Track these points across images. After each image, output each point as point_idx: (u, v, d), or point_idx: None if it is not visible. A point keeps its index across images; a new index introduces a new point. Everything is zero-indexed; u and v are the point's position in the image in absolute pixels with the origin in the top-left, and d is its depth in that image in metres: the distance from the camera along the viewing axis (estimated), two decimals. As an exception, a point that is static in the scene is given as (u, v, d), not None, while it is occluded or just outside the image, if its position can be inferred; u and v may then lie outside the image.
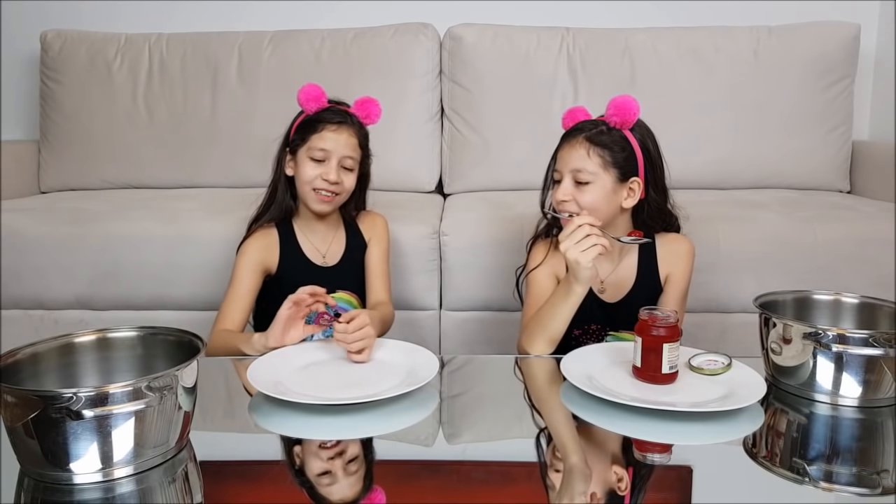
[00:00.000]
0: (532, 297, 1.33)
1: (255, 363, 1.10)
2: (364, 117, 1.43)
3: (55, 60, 2.28)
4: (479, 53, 2.19)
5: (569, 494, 0.80)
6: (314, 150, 1.37)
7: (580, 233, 1.14)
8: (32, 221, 1.79)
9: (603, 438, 0.94)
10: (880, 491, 0.83)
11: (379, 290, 1.47)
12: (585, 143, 1.25)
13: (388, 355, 1.16)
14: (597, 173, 1.25)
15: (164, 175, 2.24)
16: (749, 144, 2.18)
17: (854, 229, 1.75)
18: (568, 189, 1.25)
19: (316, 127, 1.37)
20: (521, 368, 1.21)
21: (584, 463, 0.89)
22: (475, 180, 2.21)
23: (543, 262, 1.34)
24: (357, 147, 1.41)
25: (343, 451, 0.90)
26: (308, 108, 1.39)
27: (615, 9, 2.40)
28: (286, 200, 1.42)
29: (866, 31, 2.27)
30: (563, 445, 0.94)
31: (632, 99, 1.26)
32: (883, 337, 0.98)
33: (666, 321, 1.02)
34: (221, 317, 1.35)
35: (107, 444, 0.78)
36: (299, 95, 1.39)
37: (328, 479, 0.84)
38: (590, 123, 1.28)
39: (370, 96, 1.44)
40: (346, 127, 1.38)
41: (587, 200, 1.25)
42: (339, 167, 1.37)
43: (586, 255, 1.13)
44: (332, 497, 0.81)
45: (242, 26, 2.32)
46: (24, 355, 0.88)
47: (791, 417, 1.01)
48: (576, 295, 1.18)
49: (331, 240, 1.46)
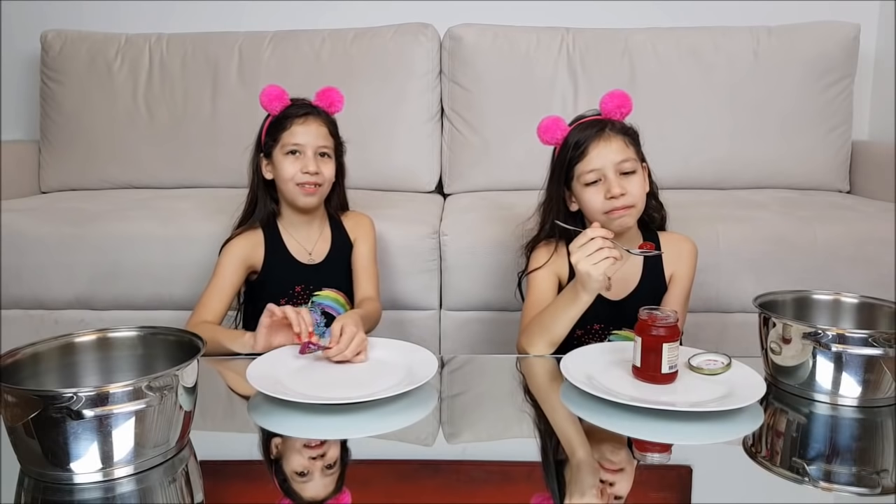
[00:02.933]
0: (532, 298, 1.33)
1: (255, 363, 1.10)
2: (328, 106, 1.44)
3: (55, 60, 2.28)
4: (478, 53, 2.19)
5: (579, 489, 0.80)
6: (288, 146, 1.38)
7: (592, 245, 1.12)
8: (32, 221, 1.79)
9: (602, 438, 0.94)
10: (880, 491, 0.83)
11: (366, 286, 1.47)
12: (619, 135, 1.26)
13: (388, 355, 1.15)
14: (636, 161, 1.26)
15: (164, 175, 2.24)
16: (749, 144, 2.18)
17: (854, 229, 1.75)
18: (618, 182, 1.23)
19: (284, 125, 1.39)
20: (521, 368, 1.21)
21: (590, 456, 0.89)
22: (475, 180, 2.21)
23: (546, 264, 1.34)
24: (328, 135, 1.42)
25: (324, 454, 0.90)
26: (272, 109, 1.40)
27: (615, 9, 2.40)
28: (268, 205, 1.44)
29: (866, 31, 2.26)
30: (568, 441, 0.94)
31: (624, 91, 1.28)
32: (882, 337, 0.98)
33: (666, 321, 1.02)
34: (201, 308, 1.35)
35: (107, 444, 0.78)
36: (262, 98, 1.41)
37: (304, 477, 0.84)
38: (600, 121, 1.27)
39: (331, 86, 1.46)
40: (312, 118, 1.40)
41: (637, 189, 1.25)
42: (315, 157, 1.39)
43: (598, 267, 1.12)
44: (303, 495, 0.81)
45: (242, 26, 2.32)
46: (24, 355, 0.89)
47: (791, 417, 1.01)
48: (582, 303, 1.18)
49: (316, 238, 1.47)
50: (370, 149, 2.14)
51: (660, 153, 2.15)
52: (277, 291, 1.41)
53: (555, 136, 1.30)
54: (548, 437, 0.98)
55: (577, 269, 1.13)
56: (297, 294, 1.41)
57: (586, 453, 0.90)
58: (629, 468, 0.87)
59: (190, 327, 1.30)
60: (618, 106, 1.28)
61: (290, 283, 1.41)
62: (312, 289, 1.43)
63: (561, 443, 0.95)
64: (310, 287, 1.42)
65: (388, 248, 1.72)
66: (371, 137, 2.15)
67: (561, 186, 1.31)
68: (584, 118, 1.31)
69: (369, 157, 2.13)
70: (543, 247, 1.37)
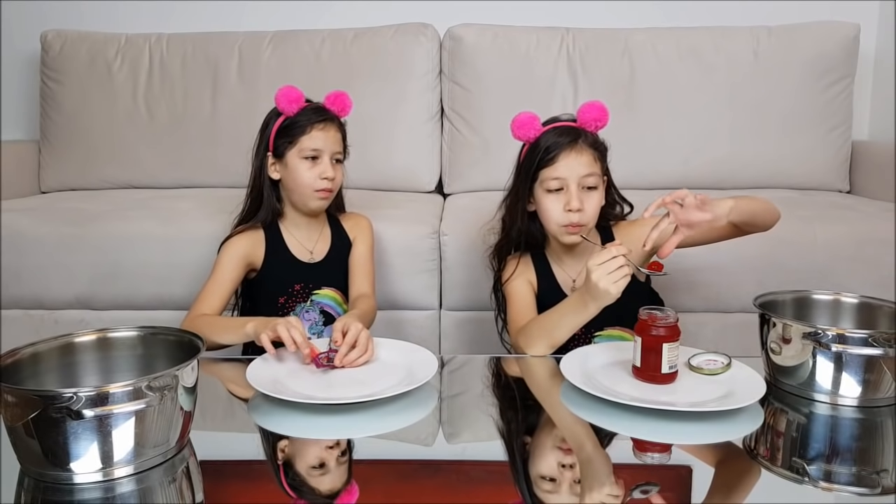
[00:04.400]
0: (516, 304, 1.34)
1: (254, 363, 1.10)
2: (339, 111, 1.44)
3: (55, 60, 2.28)
4: (478, 53, 2.19)
5: (598, 483, 0.81)
6: (306, 151, 1.38)
7: (614, 263, 1.10)
8: (32, 221, 1.79)
9: (601, 438, 0.94)
10: (880, 491, 0.83)
11: (361, 283, 1.47)
12: (590, 149, 1.26)
13: (388, 355, 1.16)
14: (600, 177, 1.27)
15: (163, 175, 2.24)
16: (749, 144, 2.18)
17: (854, 229, 1.75)
18: (578, 196, 1.24)
19: (304, 128, 1.38)
20: (520, 368, 1.21)
21: (599, 448, 0.90)
22: (475, 180, 2.20)
23: (515, 273, 1.35)
24: (341, 141, 1.43)
25: (334, 445, 0.91)
26: (289, 111, 1.40)
27: (615, 9, 2.40)
28: (273, 204, 1.43)
29: (866, 31, 2.26)
30: (574, 436, 0.95)
31: (603, 104, 1.29)
32: (882, 337, 0.98)
33: (666, 321, 1.02)
34: (199, 304, 1.35)
35: (107, 444, 0.78)
36: (279, 99, 1.40)
37: (319, 471, 0.85)
38: (575, 129, 1.28)
39: (339, 90, 1.45)
40: (330, 124, 1.41)
41: (594, 206, 1.26)
42: (332, 163, 1.40)
43: (617, 286, 1.10)
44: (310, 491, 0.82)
45: (242, 26, 2.32)
46: (24, 355, 0.89)
47: (790, 417, 1.01)
48: (588, 313, 1.16)
49: (317, 237, 1.47)
50: (370, 149, 2.14)
51: (659, 153, 2.19)
52: (277, 290, 1.41)
53: (528, 133, 1.30)
54: (515, 438, 0.97)
55: (597, 286, 1.10)
56: (296, 292, 1.42)
57: (594, 447, 0.91)
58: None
59: (188, 321, 1.31)
60: (595, 118, 1.28)
61: (290, 281, 1.42)
62: (312, 287, 1.43)
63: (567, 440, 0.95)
64: (309, 286, 1.43)
65: (388, 247, 1.72)
66: (371, 137, 2.15)
67: (527, 185, 1.31)
68: (558, 121, 1.31)
69: (369, 157, 2.13)
70: (511, 258, 1.38)
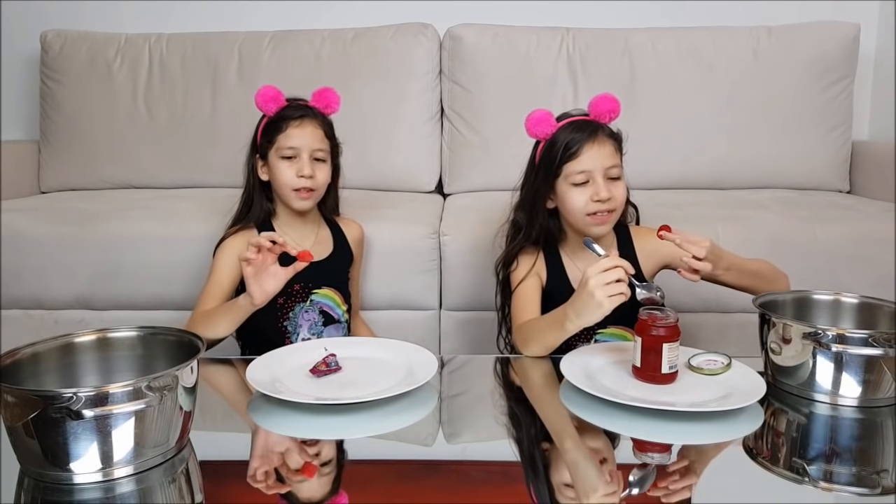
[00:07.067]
0: (520, 302, 1.33)
1: (254, 363, 1.10)
2: (324, 107, 1.43)
3: (55, 60, 2.28)
4: (478, 53, 2.19)
5: (591, 485, 0.81)
6: (283, 150, 1.38)
7: (613, 275, 1.05)
8: (32, 221, 1.79)
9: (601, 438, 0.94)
10: (880, 491, 0.83)
11: (355, 302, 1.53)
12: (610, 140, 1.27)
13: (388, 355, 1.15)
14: (621, 168, 1.28)
15: (163, 175, 2.24)
16: (748, 144, 2.18)
17: (854, 229, 1.75)
18: (606, 186, 1.25)
19: (280, 126, 1.38)
20: (520, 368, 1.21)
21: (586, 451, 0.90)
22: (475, 180, 2.20)
23: (531, 271, 1.34)
24: (324, 138, 1.42)
25: (318, 453, 0.90)
26: (268, 110, 1.40)
27: (615, 9, 2.40)
28: (264, 205, 1.44)
29: (866, 31, 2.26)
30: (559, 437, 0.95)
31: (613, 95, 1.29)
32: (882, 337, 0.98)
33: (666, 321, 1.02)
34: (201, 307, 1.35)
35: (107, 444, 0.78)
36: (257, 99, 1.39)
37: (300, 477, 0.85)
38: (592, 123, 1.28)
39: (327, 86, 1.45)
40: (308, 120, 1.39)
41: (621, 195, 1.28)
42: (311, 160, 1.38)
43: (612, 301, 1.05)
44: (299, 496, 0.81)
45: (242, 26, 2.32)
46: (24, 355, 0.89)
47: (790, 417, 1.01)
48: (568, 332, 1.14)
49: (313, 237, 1.47)
50: (370, 149, 2.14)
51: (660, 153, 2.19)
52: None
53: (545, 130, 1.30)
54: (535, 446, 0.96)
55: (592, 294, 1.05)
56: (295, 292, 1.41)
57: (576, 445, 0.91)
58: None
59: (191, 322, 1.31)
60: (608, 110, 1.28)
61: (289, 281, 1.41)
62: (311, 287, 1.43)
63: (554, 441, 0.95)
64: (308, 285, 1.42)
65: (388, 248, 1.72)
66: (371, 137, 2.15)
67: (548, 182, 1.30)
68: (570, 116, 1.31)
69: (369, 157, 2.13)
70: (528, 253, 1.36)
